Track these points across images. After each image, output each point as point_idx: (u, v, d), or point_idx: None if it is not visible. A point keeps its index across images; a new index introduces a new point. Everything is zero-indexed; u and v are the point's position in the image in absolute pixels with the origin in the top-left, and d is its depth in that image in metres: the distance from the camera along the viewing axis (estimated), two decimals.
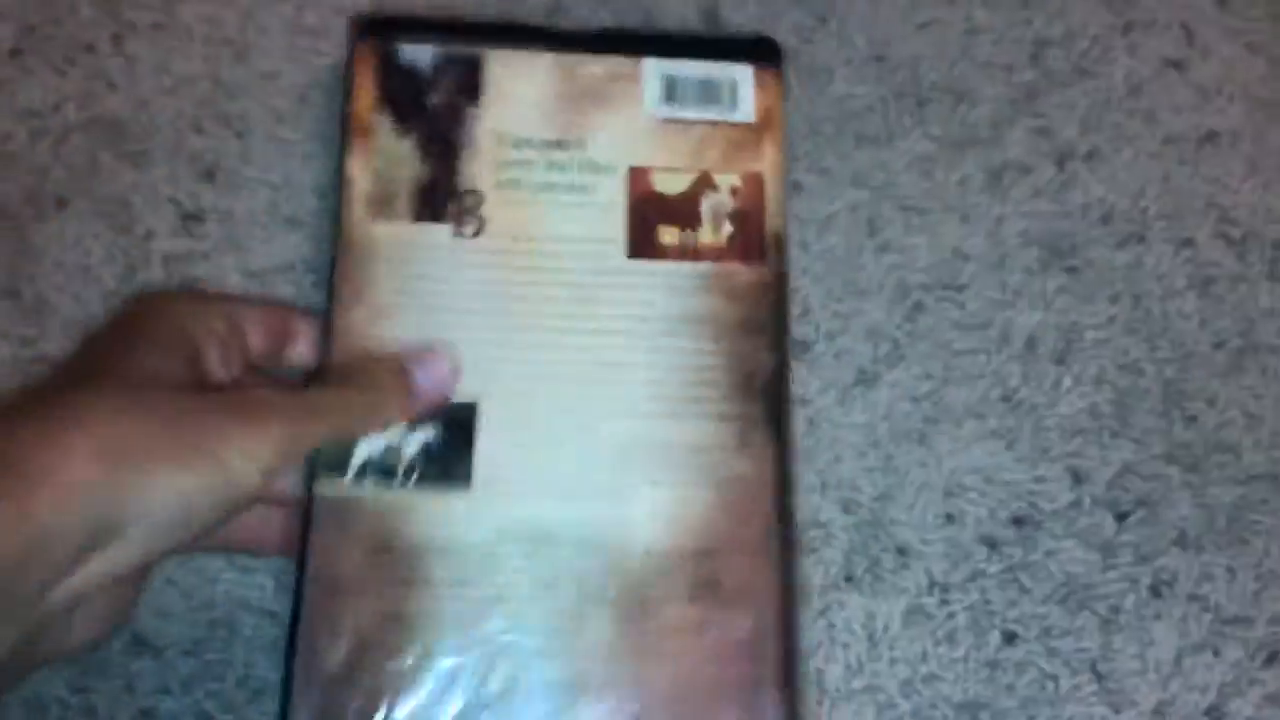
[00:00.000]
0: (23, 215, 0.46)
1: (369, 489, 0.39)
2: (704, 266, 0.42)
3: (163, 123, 0.48)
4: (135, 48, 0.48)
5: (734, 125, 0.43)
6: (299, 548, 0.38)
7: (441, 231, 0.42)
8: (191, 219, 0.46)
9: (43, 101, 0.48)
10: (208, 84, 0.48)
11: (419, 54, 0.44)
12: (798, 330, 0.45)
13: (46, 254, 0.46)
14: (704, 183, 0.43)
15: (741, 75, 0.43)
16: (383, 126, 0.43)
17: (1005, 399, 0.45)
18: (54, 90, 0.48)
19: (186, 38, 0.49)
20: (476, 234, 0.42)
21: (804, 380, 0.45)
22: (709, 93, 0.43)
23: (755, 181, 0.43)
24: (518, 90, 0.43)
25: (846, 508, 0.43)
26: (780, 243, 0.42)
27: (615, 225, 0.42)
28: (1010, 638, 0.43)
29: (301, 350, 0.41)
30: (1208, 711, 0.42)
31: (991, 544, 0.44)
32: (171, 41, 0.49)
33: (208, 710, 0.42)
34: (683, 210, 0.42)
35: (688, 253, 0.42)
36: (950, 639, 0.42)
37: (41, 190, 0.47)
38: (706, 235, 0.42)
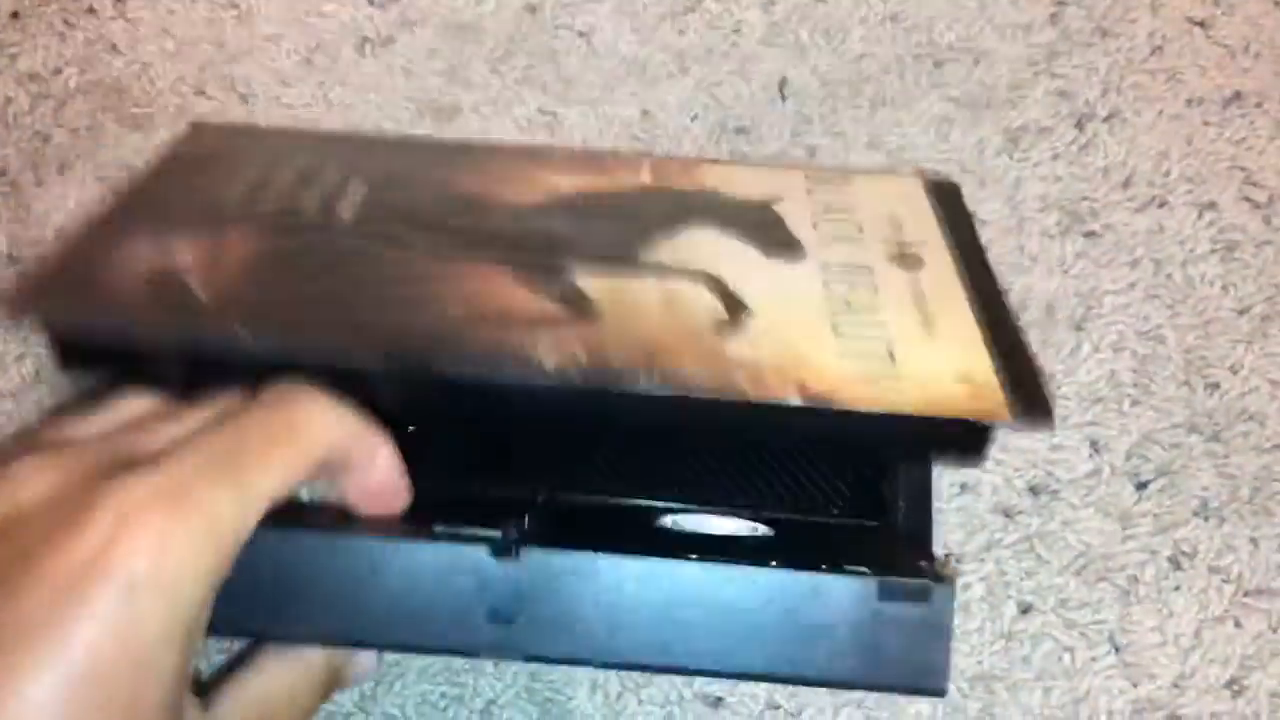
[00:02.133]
0: (23, 180, 0.46)
1: None
2: None
3: (165, 86, 0.47)
4: (136, 10, 0.48)
5: None
6: None
7: None
8: None
9: (43, 65, 0.47)
10: (210, 47, 0.47)
11: None
12: None
13: (48, 219, 0.45)
14: None
15: None
16: None
17: None
18: (55, 54, 0.47)
19: (188, 0, 0.48)
20: None
21: None
22: None
23: None
24: None
25: None
26: None
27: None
28: (1026, 609, 0.42)
29: None
30: (1228, 684, 0.41)
31: (1007, 513, 0.43)
32: (173, 4, 0.48)
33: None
34: None
35: None
36: (965, 610, 0.42)
37: (43, 154, 0.46)
38: None
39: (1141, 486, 0.43)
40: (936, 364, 0.34)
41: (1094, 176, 0.46)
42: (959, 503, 0.42)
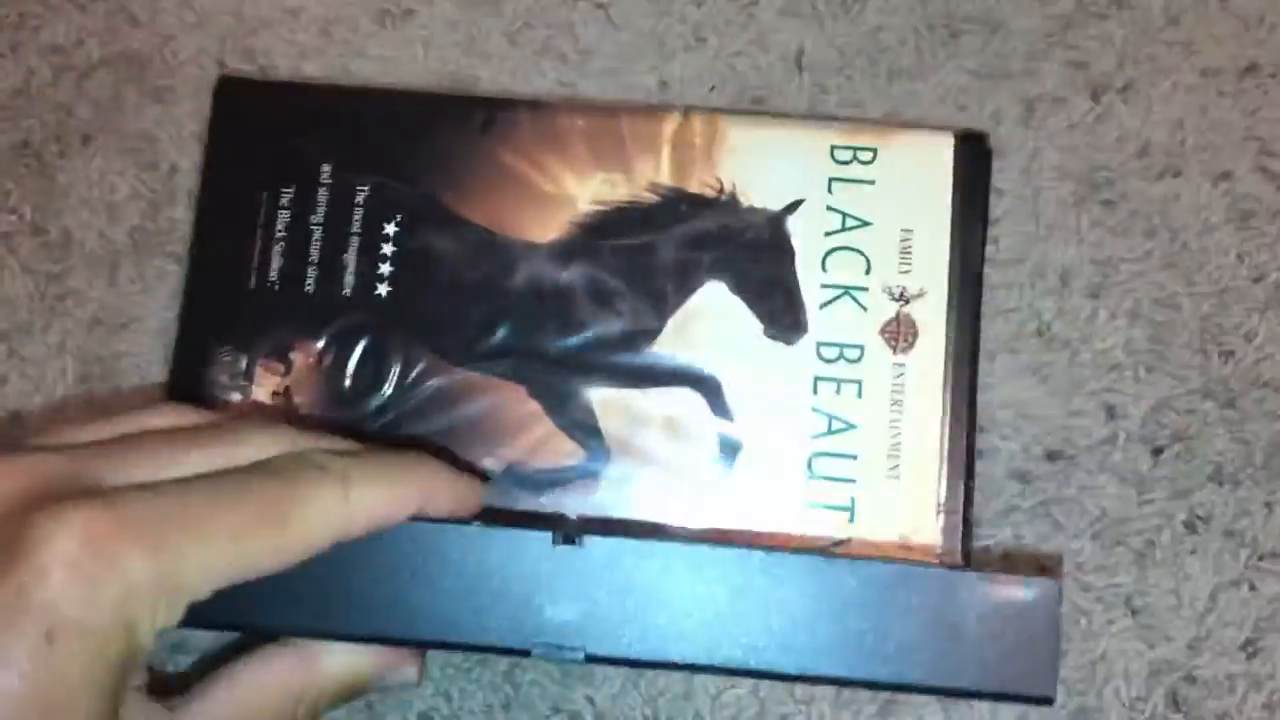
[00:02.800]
0: (47, 152, 0.46)
1: None
2: None
3: (186, 58, 0.47)
4: None
5: None
6: None
7: None
8: None
9: (65, 37, 0.47)
10: (230, 19, 0.48)
11: None
12: None
13: (72, 190, 0.46)
14: None
15: None
16: None
17: (1039, 333, 0.44)
18: (77, 26, 0.47)
19: None
20: None
21: None
22: None
23: None
24: None
25: None
26: None
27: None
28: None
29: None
30: (1243, 646, 0.42)
31: (1024, 479, 0.43)
32: None
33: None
34: None
35: None
36: None
37: (66, 127, 0.46)
38: None
39: (1157, 452, 0.43)
40: (888, 530, 0.40)
41: (1110, 146, 0.46)
42: (977, 468, 0.43)
